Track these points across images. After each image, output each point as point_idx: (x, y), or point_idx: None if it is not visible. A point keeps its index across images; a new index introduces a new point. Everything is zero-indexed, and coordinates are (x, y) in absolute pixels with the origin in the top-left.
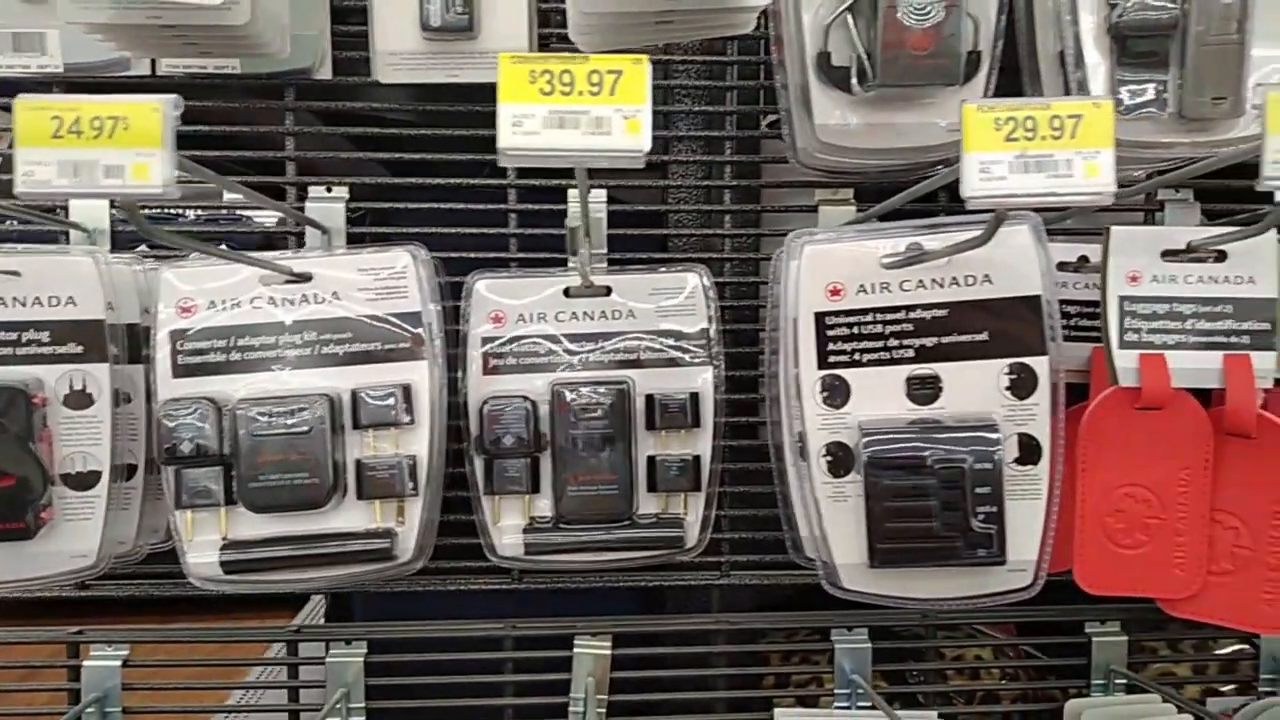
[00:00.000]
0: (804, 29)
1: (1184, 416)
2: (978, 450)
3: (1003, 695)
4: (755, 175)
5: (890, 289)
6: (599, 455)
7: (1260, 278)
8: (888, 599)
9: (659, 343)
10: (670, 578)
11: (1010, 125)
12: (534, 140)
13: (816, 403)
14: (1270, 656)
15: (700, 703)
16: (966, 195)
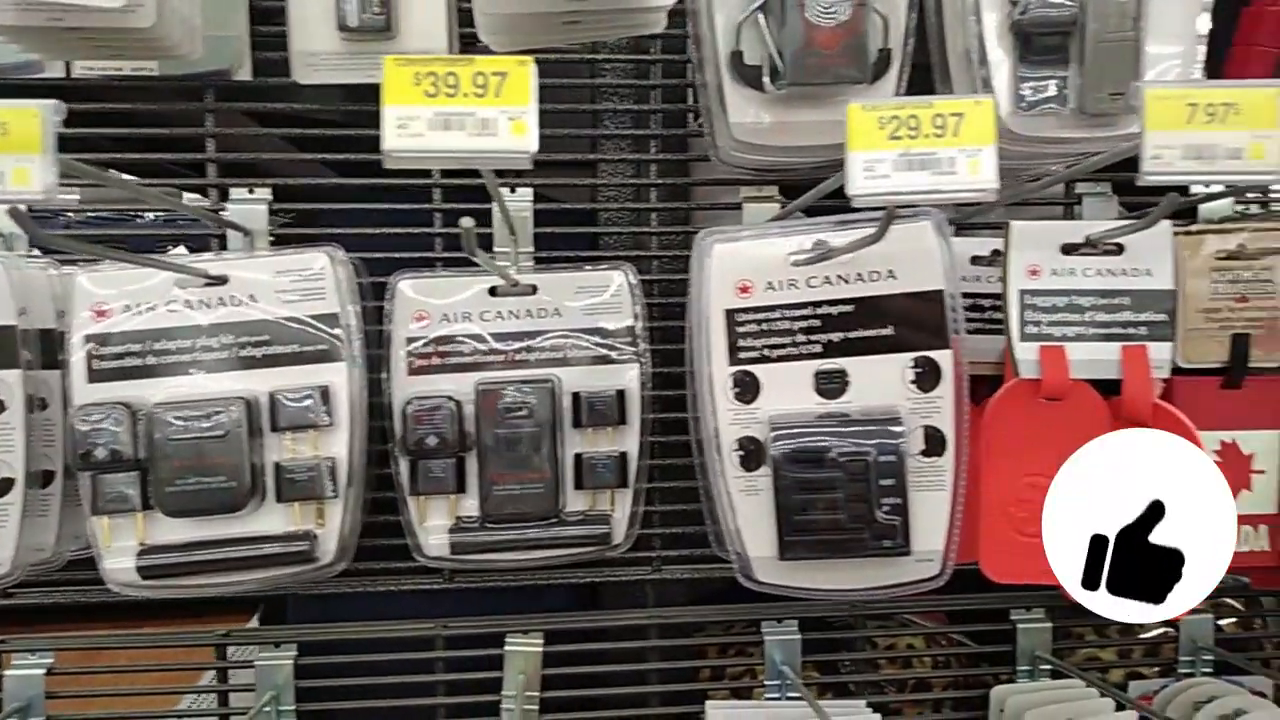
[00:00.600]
0: (717, 28)
1: (1084, 407)
2: (882, 443)
3: (934, 683)
4: (684, 173)
5: (798, 286)
6: (525, 454)
7: (1157, 270)
8: (800, 590)
9: (585, 341)
10: (603, 574)
11: (894, 124)
12: (419, 142)
13: (728, 398)
14: (1189, 640)
15: (634, 697)
16: (851, 194)
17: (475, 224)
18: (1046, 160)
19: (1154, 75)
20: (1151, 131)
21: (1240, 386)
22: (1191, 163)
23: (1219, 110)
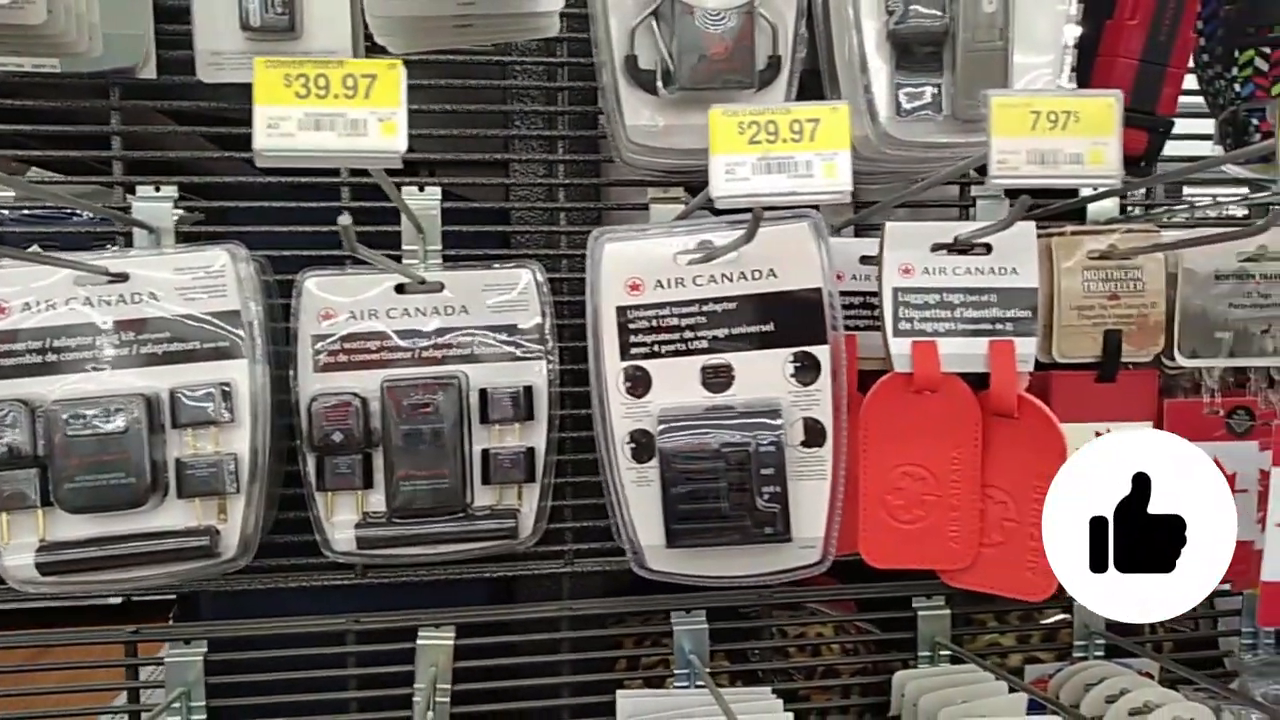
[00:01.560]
0: (612, 33)
1: (954, 399)
2: (762, 434)
3: (842, 670)
4: (597, 174)
5: (685, 284)
6: (431, 449)
7: (1022, 268)
8: (689, 578)
9: (493, 338)
10: (515, 568)
11: (753, 129)
12: (290, 141)
13: (620, 393)
14: (1083, 625)
15: (546, 688)
16: (713, 195)
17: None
18: (926, 164)
19: (1024, 83)
20: (998, 138)
21: (1114, 380)
22: (1035, 167)
23: (1061, 118)
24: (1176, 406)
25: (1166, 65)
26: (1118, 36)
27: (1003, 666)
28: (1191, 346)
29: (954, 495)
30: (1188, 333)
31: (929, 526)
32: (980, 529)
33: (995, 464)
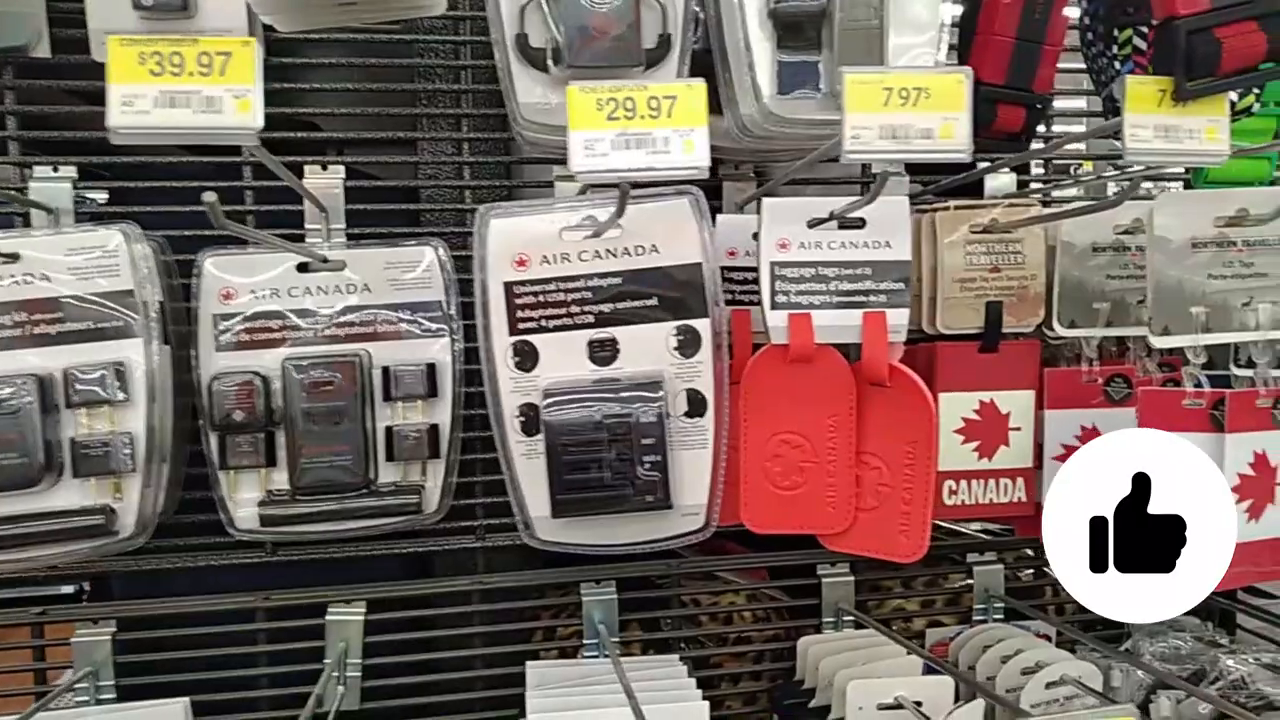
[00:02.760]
0: (503, 11)
1: (829, 369)
2: (643, 407)
3: (753, 637)
4: (506, 152)
5: (570, 259)
6: (333, 427)
7: (895, 242)
8: (578, 547)
9: (395, 315)
10: (426, 543)
11: (611, 105)
12: (145, 119)
13: (509, 367)
14: (983, 589)
15: (458, 661)
16: (572, 170)
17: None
18: (812, 141)
19: (904, 61)
20: (851, 113)
21: (996, 350)
22: (887, 142)
23: (912, 94)
24: (1056, 375)
25: (1042, 43)
26: (993, 15)
27: (907, 630)
28: (1070, 317)
29: (830, 462)
30: (1066, 303)
31: (807, 492)
32: (857, 494)
33: (870, 431)
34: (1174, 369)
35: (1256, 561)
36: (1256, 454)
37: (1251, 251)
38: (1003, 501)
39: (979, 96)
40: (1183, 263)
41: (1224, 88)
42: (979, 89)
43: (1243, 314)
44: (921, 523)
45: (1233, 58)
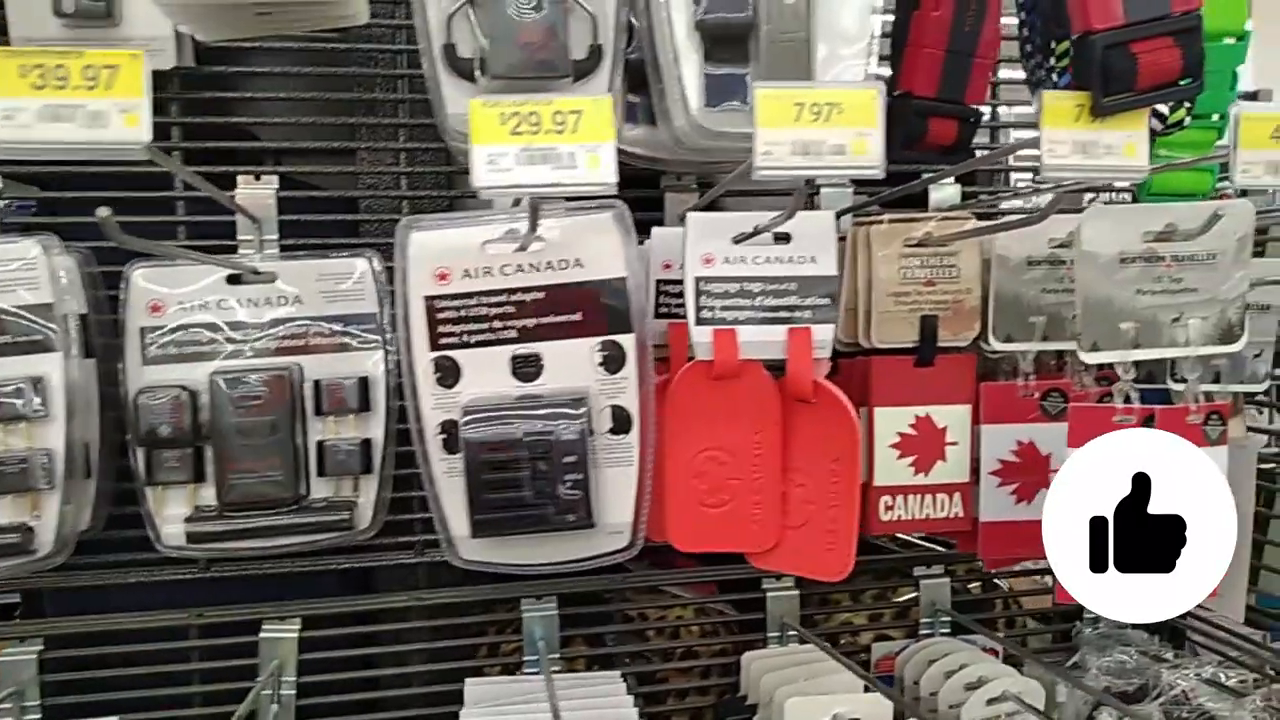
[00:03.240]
0: (430, 20)
1: (755, 385)
2: (564, 424)
3: (700, 652)
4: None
5: (493, 273)
6: (262, 442)
7: (821, 257)
8: (501, 567)
9: (328, 328)
10: (365, 559)
11: (515, 120)
12: (26, 133)
13: (430, 383)
14: (929, 603)
15: (398, 678)
16: (475, 186)
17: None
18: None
19: (832, 75)
20: (762, 129)
21: (932, 364)
22: (799, 158)
23: (825, 109)
24: (992, 389)
25: (973, 56)
26: (923, 28)
27: (854, 644)
28: (1006, 331)
29: (757, 479)
30: (1002, 317)
31: (733, 510)
32: (784, 511)
33: (795, 448)
34: (1112, 383)
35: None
36: None
37: (1180, 267)
38: (940, 517)
39: (910, 110)
40: (1112, 278)
41: (1141, 103)
42: (910, 102)
43: (1172, 330)
44: (847, 540)
45: (1149, 73)
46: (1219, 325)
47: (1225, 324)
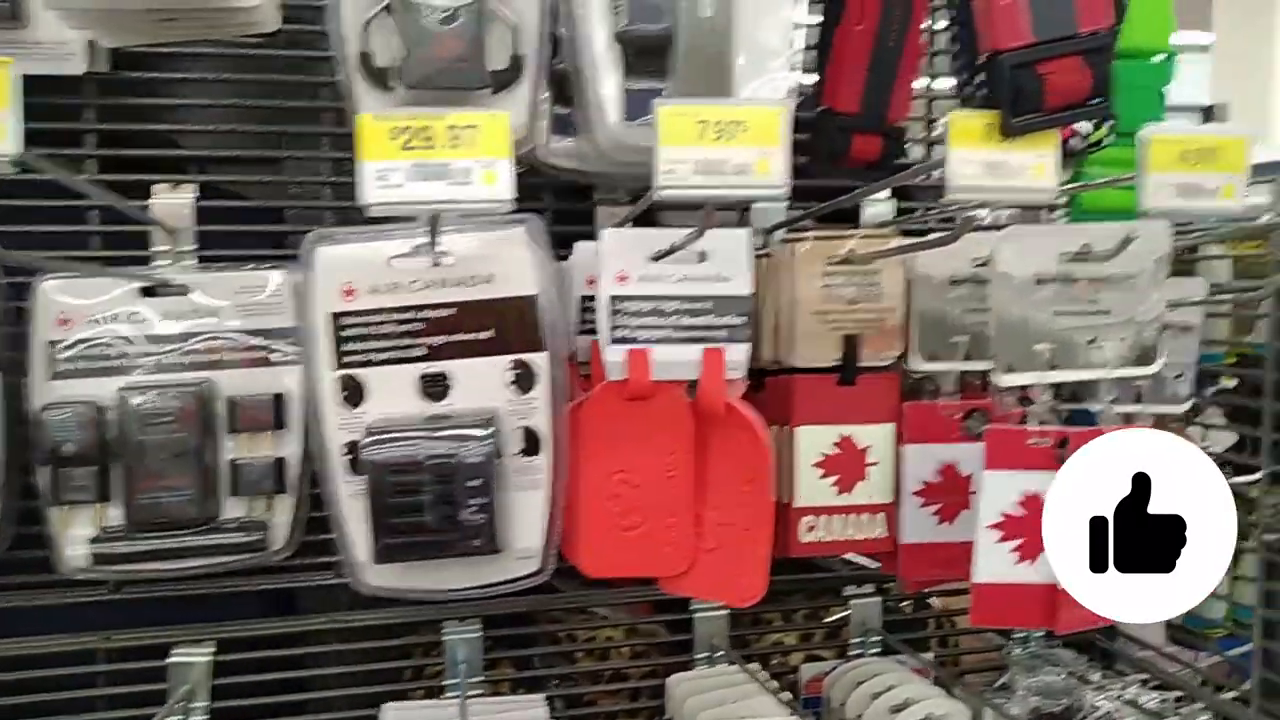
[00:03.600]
0: (346, 28)
1: (668, 406)
2: (470, 446)
3: (630, 673)
4: None
5: (400, 289)
6: (171, 460)
7: (736, 276)
8: (407, 592)
9: (243, 342)
10: (283, 580)
11: (407, 135)
12: None
13: (335, 403)
14: (860, 623)
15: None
16: (363, 203)
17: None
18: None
19: (753, 90)
20: (664, 147)
21: (854, 383)
22: (702, 177)
23: (728, 128)
24: (915, 408)
25: (896, 72)
26: (845, 43)
27: (785, 665)
28: (929, 350)
29: (670, 502)
30: (924, 337)
31: (647, 533)
32: (698, 534)
33: (709, 470)
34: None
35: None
36: None
37: (1097, 288)
38: (862, 537)
39: (834, 126)
40: (1027, 299)
41: (1050, 123)
42: (834, 119)
43: (1088, 352)
44: (759, 564)
45: (1057, 93)
46: (1135, 347)
47: (1142, 346)
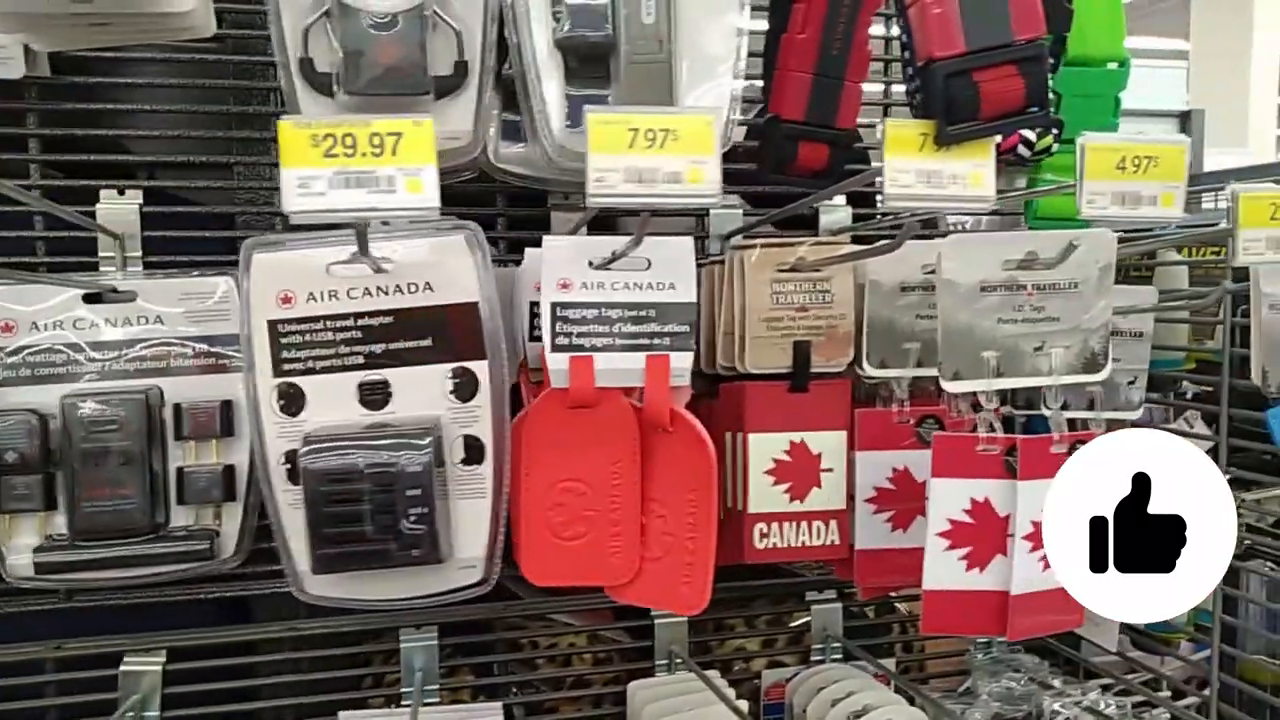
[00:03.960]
0: (286, 33)
1: (613, 414)
2: (408, 454)
3: (593, 680)
4: None
5: (339, 296)
6: (116, 468)
7: (680, 283)
8: (348, 602)
9: (190, 349)
10: (234, 588)
11: (329, 142)
12: None
13: (274, 411)
14: (821, 629)
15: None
16: (286, 210)
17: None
18: None
19: (696, 98)
20: (595, 155)
21: (806, 390)
22: (633, 185)
23: (660, 136)
24: (867, 415)
25: (842, 79)
26: (789, 50)
27: (747, 670)
28: (880, 356)
29: (615, 510)
30: (875, 343)
31: (591, 542)
32: (643, 543)
33: (654, 478)
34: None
35: (1055, 610)
36: None
37: (1042, 295)
38: (816, 544)
39: (779, 134)
40: (972, 306)
41: (985, 132)
42: (779, 127)
43: (1035, 359)
44: (704, 573)
45: (992, 102)
46: (1082, 354)
47: (1089, 353)
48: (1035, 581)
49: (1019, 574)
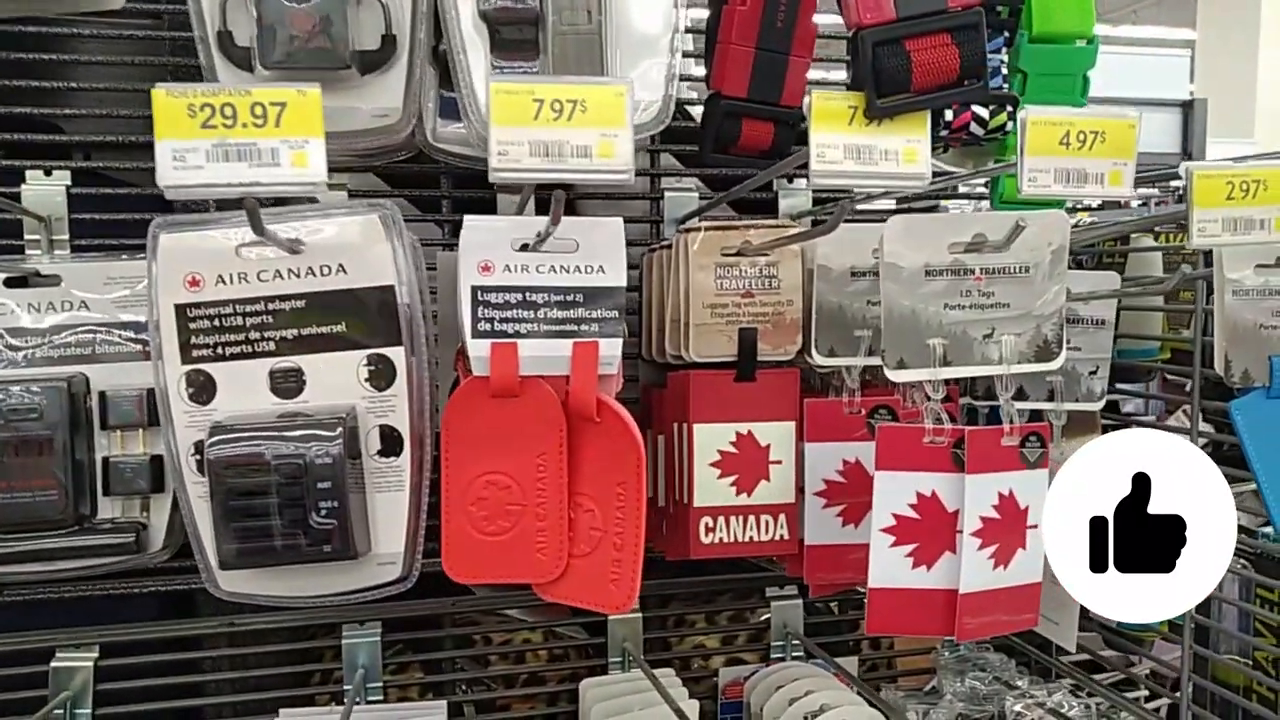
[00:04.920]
0: (204, 6)
1: (537, 404)
2: (317, 446)
3: (548, 677)
4: None
5: (249, 279)
6: (36, 459)
7: (610, 267)
8: (264, 598)
9: (117, 335)
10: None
11: (207, 112)
12: None
13: (183, 399)
14: (780, 625)
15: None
16: (161, 185)
17: None
18: None
19: (630, 72)
20: (496, 127)
21: (753, 379)
22: (539, 160)
23: (566, 107)
24: (816, 405)
25: (787, 54)
26: (730, 23)
27: (706, 668)
28: (829, 344)
29: (540, 504)
30: (825, 331)
31: (515, 537)
32: (570, 539)
33: (582, 471)
34: (949, 399)
35: (1008, 610)
36: (1001, 495)
37: (991, 280)
38: (764, 540)
39: (720, 112)
40: (917, 291)
41: (917, 105)
42: (720, 103)
43: (984, 346)
44: (632, 570)
45: (924, 73)
46: (1034, 342)
47: (1041, 340)
48: (985, 580)
49: (968, 572)
